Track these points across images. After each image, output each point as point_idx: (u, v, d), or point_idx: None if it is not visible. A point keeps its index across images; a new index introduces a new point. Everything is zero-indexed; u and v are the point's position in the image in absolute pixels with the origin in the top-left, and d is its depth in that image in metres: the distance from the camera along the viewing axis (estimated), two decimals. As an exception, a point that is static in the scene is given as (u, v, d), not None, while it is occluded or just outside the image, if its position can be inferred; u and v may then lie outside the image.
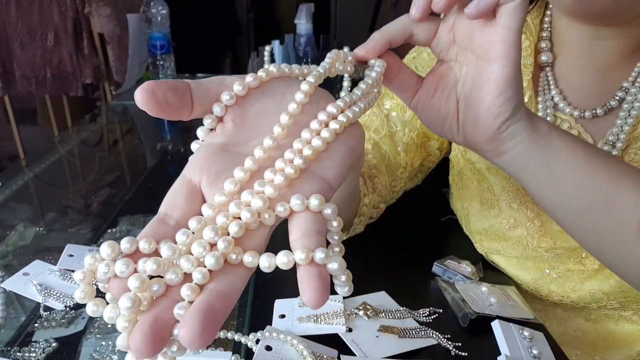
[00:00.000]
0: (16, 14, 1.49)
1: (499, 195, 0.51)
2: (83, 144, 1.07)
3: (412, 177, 0.61)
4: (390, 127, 0.56)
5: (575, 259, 0.49)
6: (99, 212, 0.74)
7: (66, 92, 1.61)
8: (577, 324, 0.53)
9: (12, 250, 0.62)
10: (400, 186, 0.58)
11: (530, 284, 0.52)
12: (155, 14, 1.41)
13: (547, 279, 0.51)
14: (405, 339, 0.42)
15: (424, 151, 0.58)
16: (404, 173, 0.57)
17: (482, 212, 0.54)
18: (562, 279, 0.50)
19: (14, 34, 1.50)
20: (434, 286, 0.50)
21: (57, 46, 1.54)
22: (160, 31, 1.42)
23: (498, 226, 0.52)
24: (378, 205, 0.56)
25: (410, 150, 0.56)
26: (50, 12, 1.50)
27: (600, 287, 0.48)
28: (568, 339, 0.53)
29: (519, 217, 0.51)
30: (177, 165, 0.94)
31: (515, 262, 0.53)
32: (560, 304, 0.53)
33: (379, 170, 0.54)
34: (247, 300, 0.47)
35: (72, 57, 1.55)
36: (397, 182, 0.57)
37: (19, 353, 0.43)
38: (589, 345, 0.52)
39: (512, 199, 0.51)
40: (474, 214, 0.55)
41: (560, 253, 0.49)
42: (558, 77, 0.50)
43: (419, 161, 0.58)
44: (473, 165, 0.54)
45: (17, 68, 1.55)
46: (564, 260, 0.49)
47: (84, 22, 1.52)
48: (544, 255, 0.50)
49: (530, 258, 0.51)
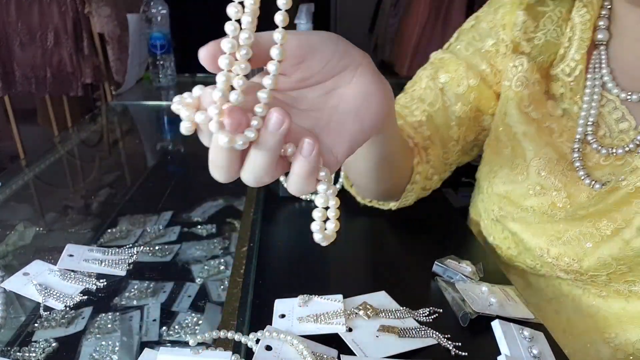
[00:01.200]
0: (16, 14, 1.49)
1: (530, 162, 0.52)
2: (83, 144, 1.07)
3: (468, 151, 0.63)
4: (444, 101, 0.58)
5: (589, 222, 0.49)
6: (99, 212, 0.74)
7: (66, 92, 1.61)
8: (590, 301, 0.52)
9: (12, 250, 0.62)
10: (453, 159, 0.60)
11: (543, 246, 0.52)
12: (155, 13, 1.41)
13: (560, 241, 0.50)
14: (405, 339, 0.42)
15: (477, 125, 0.60)
16: (456, 146, 0.59)
17: (510, 176, 0.54)
18: (574, 241, 0.49)
19: (14, 33, 1.50)
20: (434, 286, 0.50)
21: (57, 46, 1.54)
22: (160, 31, 1.42)
23: (521, 191, 0.53)
24: (431, 177, 0.58)
25: (463, 124, 0.58)
26: (50, 12, 1.50)
27: (610, 252, 0.47)
28: (581, 316, 0.53)
29: (546, 185, 0.51)
30: (177, 165, 0.94)
31: (530, 227, 0.53)
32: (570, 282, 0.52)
33: (432, 142, 0.57)
34: (247, 300, 0.47)
35: (72, 57, 1.55)
36: (449, 154, 0.59)
37: (19, 353, 0.43)
38: (603, 321, 0.52)
39: (542, 167, 0.51)
40: (500, 177, 0.56)
41: (577, 217, 0.49)
42: (611, 57, 0.51)
43: (473, 135, 0.60)
44: (510, 130, 0.55)
45: (17, 68, 1.55)
46: (577, 224, 0.49)
47: (84, 22, 1.52)
48: (560, 220, 0.51)
49: (546, 223, 0.52)
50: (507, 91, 0.54)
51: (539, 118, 0.53)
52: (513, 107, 0.53)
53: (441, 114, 0.57)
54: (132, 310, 0.49)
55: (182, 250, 0.61)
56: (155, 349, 0.39)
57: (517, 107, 0.53)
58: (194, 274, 0.56)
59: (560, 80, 0.53)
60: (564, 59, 0.53)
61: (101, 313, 0.48)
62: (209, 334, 0.40)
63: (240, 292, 0.48)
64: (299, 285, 0.49)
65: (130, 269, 0.56)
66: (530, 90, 0.52)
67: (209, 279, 0.55)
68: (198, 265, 0.57)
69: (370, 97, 0.33)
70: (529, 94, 0.52)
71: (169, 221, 0.68)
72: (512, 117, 0.53)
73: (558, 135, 0.52)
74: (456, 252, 0.53)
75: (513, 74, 0.53)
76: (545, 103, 0.53)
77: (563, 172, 0.51)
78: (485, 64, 0.57)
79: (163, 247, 0.61)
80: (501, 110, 0.56)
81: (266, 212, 0.65)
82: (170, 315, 0.49)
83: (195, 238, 0.64)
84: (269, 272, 0.52)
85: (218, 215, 0.70)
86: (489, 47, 0.57)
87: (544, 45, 0.54)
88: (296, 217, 0.65)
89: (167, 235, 0.64)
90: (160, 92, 1.45)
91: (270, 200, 0.69)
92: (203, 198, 0.75)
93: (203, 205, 0.73)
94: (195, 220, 0.68)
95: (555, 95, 0.53)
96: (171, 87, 1.49)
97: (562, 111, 0.53)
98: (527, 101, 0.53)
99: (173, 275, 0.56)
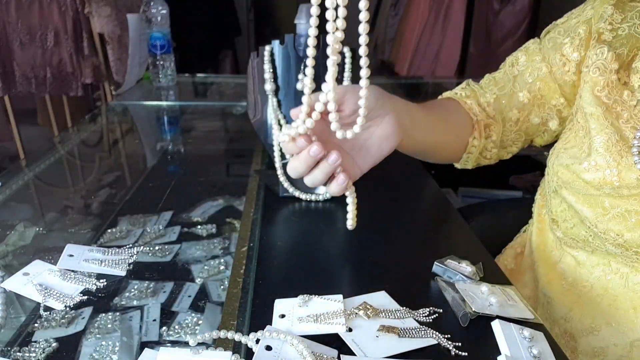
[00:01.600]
0: (16, 14, 1.49)
1: (592, 138, 0.55)
2: (83, 144, 1.07)
3: (531, 134, 0.69)
4: (513, 87, 0.66)
5: (635, 200, 0.51)
6: (99, 212, 0.74)
7: (66, 92, 1.61)
8: (637, 278, 0.54)
9: (12, 250, 0.62)
10: (511, 138, 0.69)
11: (591, 219, 0.54)
12: (155, 14, 1.41)
13: (607, 217, 0.53)
14: (405, 339, 0.42)
15: (542, 110, 0.66)
16: (514, 127, 0.67)
17: (574, 151, 0.58)
18: (619, 217, 0.52)
19: (14, 33, 1.50)
20: (434, 286, 0.50)
21: (57, 46, 1.54)
22: (160, 31, 1.42)
23: (580, 165, 0.56)
24: (491, 149, 0.69)
25: (525, 109, 0.66)
26: (50, 12, 1.50)
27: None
28: (628, 293, 0.55)
29: (600, 162, 0.54)
30: (177, 165, 0.94)
31: (582, 197, 0.56)
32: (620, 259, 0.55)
33: (495, 120, 0.67)
34: (247, 300, 0.47)
35: (72, 57, 1.55)
36: (507, 133, 0.68)
37: (19, 353, 0.43)
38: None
39: (601, 144, 0.54)
40: (566, 151, 0.60)
41: (623, 195, 0.52)
42: None
43: (538, 119, 0.67)
44: (582, 111, 0.58)
45: (17, 68, 1.55)
46: (624, 202, 0.52)
47: (84, 22, 1.52)
48: (607, 195, 0.53)
49: (596, 196, 0.54)
50: (585, 76, 0.58)
51: (609, 103, 0.56)
52: (587, 90, 0.57)
53: (507, 98, 0.67)
54: (132, 310, 0.49)
55: (182, 250, 0.61)
56: (155, 349, 0.39)
57: (590, 90, 0.57)
58: (194, 274, 0.56)
59: (639, 73, 0.55)
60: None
61: (101, 313, 0.48)
62: (209, 334, 0.40)
63: (240, 292, 0.48)
64: (299, 285, 0.49)
65: (130, 269, 0.56)
66: (606, 77, 0.56)
67: (209, 279, 0.55)
68: (198, 265, 0.57)
69: (389, 137, 0.52)
70: (604, 80, 0.56)
71: (169, 221, 0.68)
72: (585, 99, 0.57)
73: (625, 120, 0.55)
74: (456, 252, 0.53)
75: (592, 61, 0.57)
76: (622, 92, 0.56)
77: (619, 153, 0.53)
78: (559, 56, 0.63)
79: (163, 247, 0.61)
80: (579, 94, 0.60)
81: (266, 212, 0.65)
82: (170, 315, 0.49)
83: (195, 238, 0.64)
84: (269, 272, 0.52)
85: (218, 215, 0.70)
86: (565, 41, 0.62)
87: (627, 37, 0.56)
88: (296, 217, 0.65)
89: (167, 235, 0.64)
90: (160, 92, 1.45)
91: (270, 200, 0.69)
92: (203, 198, 0.75)
93: (203, 206, 0.73)
94: (195, 220, 0.69)
95: (634, 87, 0.56)
96: (171, 87, 1.49)
97: (636, 102, 0.55)
98: (600, 86, 0.56)
99: (173, 275, 0.56)
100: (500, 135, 0.68)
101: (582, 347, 0.58)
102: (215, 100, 1.51)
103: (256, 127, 0.71)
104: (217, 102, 1.48)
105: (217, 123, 1.28)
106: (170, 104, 1.37)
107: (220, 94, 1.58)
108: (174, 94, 1.45)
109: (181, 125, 1.21)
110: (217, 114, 1.34)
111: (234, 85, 1.67)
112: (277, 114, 0.68)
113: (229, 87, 1.65)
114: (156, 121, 1.27)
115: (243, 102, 1.38)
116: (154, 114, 1.31)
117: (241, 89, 1.57)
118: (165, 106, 1.35)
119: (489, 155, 0.70)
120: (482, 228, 0.80)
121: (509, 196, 1.36)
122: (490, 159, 0.71)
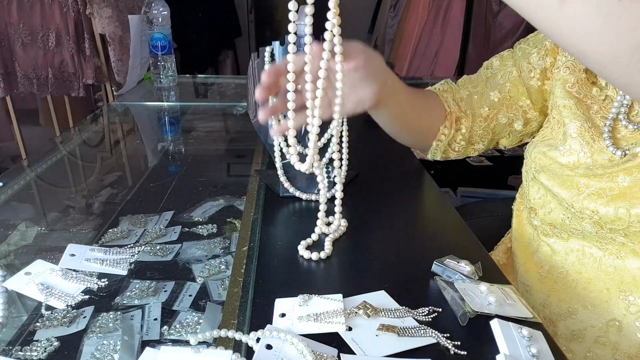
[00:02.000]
0: (18, 15, 1.49)
1: (566, 127, 0.60)
2: (84, 144, 1.07)
3: (498, 133, 0.74)
4: (485, 87, 0.73)
5: (607, 177, 0.54)
6: (101, 211, 0.75)
7: (68, 93, 1.62)
8: (609, 262, 0.57)
9: (14, 250, 0.62)
10: (479, 133, 0.74)
11: (567, 200, 0.57)
12: (156, 14, 1.41)
13: (582, 195, 0.56)
14: (404, 338, 0.42)
15: (510, 110, 0.72)
16: (483, 123, 0.73)
17: (550, 141, 0.63)
18: (594, 195, 0.55)
19: (16, 34, 1.50)
20: (433, 285, 0.50)
21: (59, 47, 1.54)
22: (161, 32, 1.42)
23: (556, 151, 0.60)
24: (459, 142, 0.75)
25: (494, 107, 0.72)
26: (52, 13, 1.51)
27: (625, 204, 0.52)
28: (601, 275, 0.57)
29: (574, 146, 0.58)
30: (178, 165, 0.95)
31: (558, 180, 0.59)
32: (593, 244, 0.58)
33: (465, 115, 0.73)
34: (248, 299, 0.47)
35: (73, 57, 1.55)
36: (476, 129, 0.74)
37: (21, 352, 0.43)
38: (620, 280, 0.56)
39: (574, 130, 0.59)
40: (543, 141, 0.65)
41: (597, 174, 0.55)
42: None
43: (505, 119, 0.73)
44: (556, 105, 0.63)
45: (18, 68, 1.55)
46: (597, 180, 0.55)
47: (85, 23, 1.53)
48: (581, 175, 0.56)
49: (572, 177, 0.57)
50: (556, 75, 0.64)
51: (579, 97, 0.61)
52: (559, 87, 0.62)
53: (479, 96, 0.73)
54: (133, 310, 0.49)
55: (183, 249, 0.61)
56: (157, 348, 0.39)
57: (562, 86, 0.62)
58: (195, 273, 0.56)
59: None
60: None
61: (102, 312, 0.49)
62: (210, 333, 0.41)
63: (240, 291, 0.48)
64: (299, 284, 0.49)
65: (132, 268, 0.56)
66: (576, 75, 0.61)
67: (209, 279, 0.55)
68: (199, 265, 0.58)
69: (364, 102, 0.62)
70: (575, 77, 0.61)
71: (170, 221, 0.68)
72: (556, 95, 0.62)
73: (595, 112, 0.59)
74: (455, 252, 0.53)
75: (562, 62, 0.63)
76: (591, 88, 0.61)
77: (592, 138, 0.57)
78: (526, 63, 0.69)
79: (164, 247, 0.61)
80: (552, 92, 0.65)
81: (266, 212, 0.65)
82: (171, 314, 0.49)
83: (195, 238, 0.64)
84: (269, 272, 0.52)
85: (218, 215, 0.71)
86: (533, 51, 0.69)
87: None
88: (296, 217, 0.65)
89: (168, 234, 0.64)
90: (161, 92, 1.46)
91: (271, 200, 0.69)
92: (204, 198, 0.75)
93: (203, 205, 0.73)
94: (195, 220, 0.69)
95: (602, 85, 0.60)
96: (172, 88, 1.49)
97: (605, 96, 0.60)
98: (571, 82, 0.61)
99: (174, 274, 0.56)
100: (470, 129, 0.73)
101: (561, 331, 0.60)
102: (216, 100, 1.51)
103: (256, 127, 0.71)
104: (218, 102, 1.48)
105: (218, 123, 1.28)
106: (171, 105, 1.37)
107: (220, 95, 1.58)
108: (175, 94, 1.46)
109: (182, 126, 1.21)
110: (218, 114, 1.34)
111: (235, 85, 1.68)
112: (277, 114, 0.68)
113: (229, 88, 1.65)
114: (157, 121, 1.27)
115: (243, 103, 1.38)
116: (155, 114, 1.32)
117: (241, 90, 1.57)
118: (166, 106, 1.36)
119: (457, 148, 0.76)
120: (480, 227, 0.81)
121: (508, 196, 1.36)
122: (458, 152, 0.76)
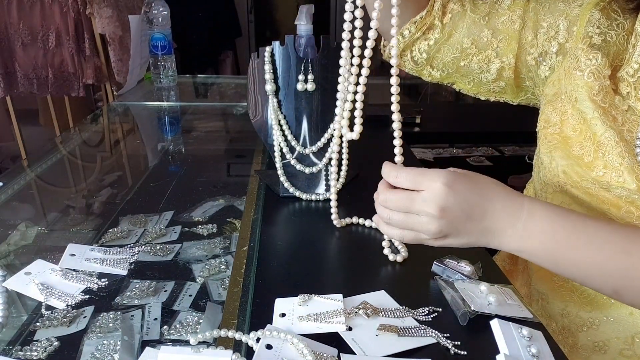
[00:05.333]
0: (18, 15, 1.49)
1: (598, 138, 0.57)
2: (84, 144, 1.07)
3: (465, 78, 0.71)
4: (482, 20, 0.66)
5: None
6: (101, 211, 0.75)
7: (68, 93, 1.62)
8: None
9: (14, 250, 0.62)
10: (443, 62, 0.69)
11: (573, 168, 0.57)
12: (156, 14, 1.41)
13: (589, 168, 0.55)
14: (404, 338, 0.42)
15: (489, 61, 0.67)
16: (455, 52, 0.68)
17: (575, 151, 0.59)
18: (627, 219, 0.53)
19: (16, 34, 1.51)
20: (433, 285, 0.50)
21: (59, 47, 1.54)
22: (161, 32, 1.42)
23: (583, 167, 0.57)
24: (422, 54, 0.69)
25: (478, 46, 0.67)
26: (52, 13, 1.51)
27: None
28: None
29: (586, 144, 0.56)
30: (178, 165, 0.95)
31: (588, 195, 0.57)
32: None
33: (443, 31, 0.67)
34: (248, 298, 0.47)
35: (73, 57, 1.56)
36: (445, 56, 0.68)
37: (21, 352, 0.43)
38: None
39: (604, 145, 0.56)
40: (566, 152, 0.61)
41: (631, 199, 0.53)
42: None
43: (477, 66, 0.68)
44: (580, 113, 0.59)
45: (19, 69, 1.55)
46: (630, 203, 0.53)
47: (85, 23, 1.53)
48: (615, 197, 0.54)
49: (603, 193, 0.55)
50: (578, 80, 0.59)
51: (605, 106, 0.57)
52: (584, 94, 0.58)
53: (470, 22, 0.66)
54: (134, 310, 0.49)
55: (183, 249, 0.61)
56: (157, 347, 0.39)
57: (587, 94, 0.58)
58: (195, 273, 0.56)
59: (626, 81, 0.57)
60: (628, 62, 0.57)
61: (102, 312, 0.49)
62: (210, 332, 0.41)
63: (240, 291, 0.48)
64: (299, 284, 0.49)
65: (132, 268, 0.56)
66: (600, 82, 0.57)
67: (209, 278, 0.55)
68: (199, 265, 0.58)
69: None
70: (599, 85, 0.57)
71: (170, 221, 0.68)
72: (582, 102, 0.58)
73: (620, 124, 0.56)
74: (455, 252, 0.53)
75: (586, 66, 0.59)
76: (614, 97, 0.58)
77: (621, 154, 0.54)
78: (530, 38, 0.64)
79: (164, 247, 0.61)
80: (572, 96, 0.61)
81: (266, 212, 0.65)
82: (171, 314, 0.49)
83: (196, 238, 0.64)
84: (269, 272, 0.52)
85: (218, 215, 0.71)
86: (543, 25, 0.64)
87: (614, 45, 0.58)
88: (296, 217, 0.65)
89: (168, 234, 0.64)
90: (161, 92, 1.46)
91: (271, 200, 0.69)
92: (204, 198, 0.75)
93: (203, 205, 0.73)
94: (195, 219, 0.69)
95: (623, 94, 0.58)
96: (172, 88, 1.49)
97: (627, 107, 0.57)
98: (596, 90, 0.58)
99: (174, 274, 0.56)
100: (437, 47, 0.68)
101: (582, 342, 0.58)
102: (216, 100, 1.51)
103: (256, 128, 0.71)
104: (218, 102, 1.48)
105: (218, 123, 1.28)
106: (171, 105, 1.37)
107: (220, 95, 1.58)
108: (175, 94, 1.46)
109: (182, 126, 1.21)
110: (218, 115, 1.34)
111: (235, 85, 1.68)
112: (278, 115, 0.68)
113: (229, 88, 1.65)
114: (157, 121, 1.27)
115: (243, 103, 1.38)
116: (155, 114, 1.32)
117: (242, 90, 1.57)
118: (166, 106, 1.36)
119: (417, 58, 0.70)
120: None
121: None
122: (415, 64, 0.71)
